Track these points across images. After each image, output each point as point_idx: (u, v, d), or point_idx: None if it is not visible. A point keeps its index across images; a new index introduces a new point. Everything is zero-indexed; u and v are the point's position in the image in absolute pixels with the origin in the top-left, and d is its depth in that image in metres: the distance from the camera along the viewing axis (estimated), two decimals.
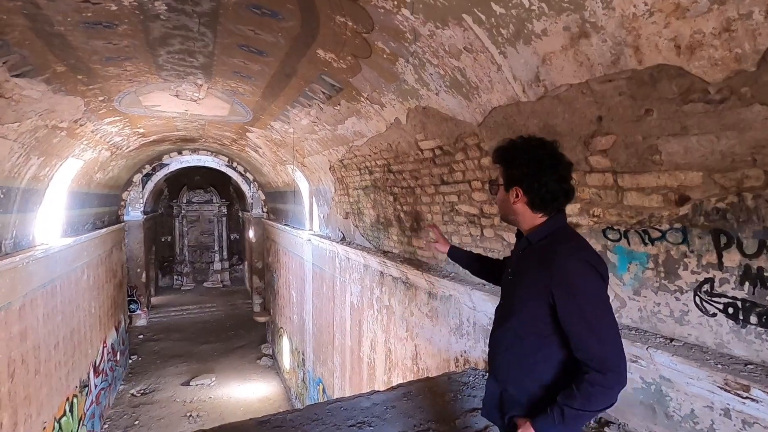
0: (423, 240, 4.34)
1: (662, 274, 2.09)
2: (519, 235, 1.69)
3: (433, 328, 4.03)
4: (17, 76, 3.64)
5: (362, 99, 3.88)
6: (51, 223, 6.67)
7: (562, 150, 1.58)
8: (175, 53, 4.08)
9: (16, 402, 5.29)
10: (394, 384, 4.63)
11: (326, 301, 7.45)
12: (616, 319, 2.30)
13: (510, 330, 1.57)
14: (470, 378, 2.72)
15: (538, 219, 1.54)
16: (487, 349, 3.25)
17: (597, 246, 2.41)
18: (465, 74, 2.64)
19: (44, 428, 6.11)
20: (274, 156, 8.71)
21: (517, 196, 1.53)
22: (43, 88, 4.09)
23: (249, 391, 10.91)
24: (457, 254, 2.22)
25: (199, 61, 4.30)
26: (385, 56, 3.03)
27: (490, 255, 3.35)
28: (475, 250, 3.54)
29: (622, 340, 2.11)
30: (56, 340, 6.66)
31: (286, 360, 11.06)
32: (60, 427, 6.66)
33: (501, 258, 2.13)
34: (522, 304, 1.53)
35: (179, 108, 6.30)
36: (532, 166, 1.49)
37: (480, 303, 3.32)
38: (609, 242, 2.34)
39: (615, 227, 2.28)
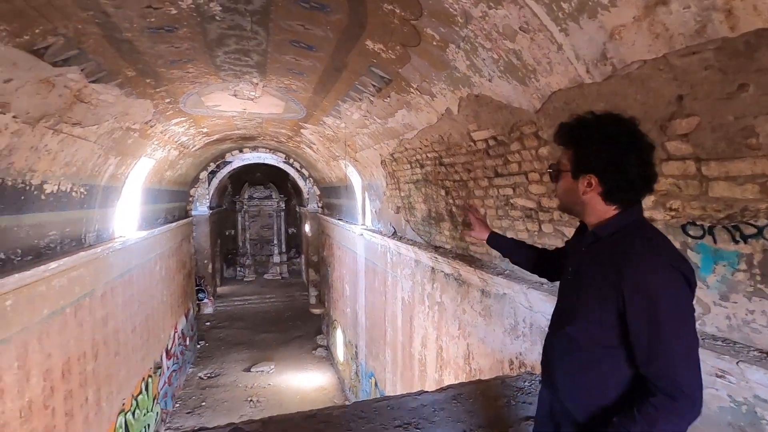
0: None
1: (758, 277, 1.80)
2: (582, 227, 1.47)
3: (487, 328, 3.85)
4: (94, 81, 3.96)
5: (412, 90, 3.78)
6: (128, 218, 7.27)
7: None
8: (232, 53, 4.22)
9: (100, 380, 5.84)
10: (445, 383, 4.52)
11: (378, 296, 7.46)
12: (698, 328, 2.05)
13: (568, 336, 1.36)
14: (525, 383, 2.55)
15: (611, 211, 1.31)
16: None
17: (675, 244, 2.13)
18: (521, 57, 2.45)
19: (123, 405, 6.70)
20: (327, 152, 8.85)
21: (589, 185, 1.29)
22: (116, 92, 4.42)
23: (305, 380, 11.28)
24: (497, 241, 1.98)
25: (253, 59, 4.42)
26: (434, 43, 2.90)
27: None
28: None
29: (706, 351, 1.87)
30: (133, 325, 7.28)
31: (340, 352, 11.29)
32: (137, 404, 7.29)
33: (553, 249, 1.92)
34: (584, 307, 1.31)
35: (238, 107, 6.56)
36: (610, 148, 1.24)
37: (537, 303, 3.10)
38: (690, 239, 2.06)
39: (697, 222, 2.00)
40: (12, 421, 3.83)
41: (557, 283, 1.95)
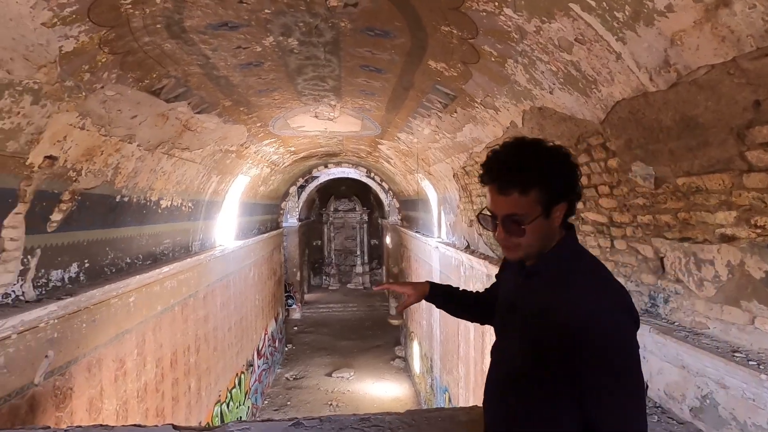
0: None
1: None
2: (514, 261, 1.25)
3: None
4: (198, 112, 4.63)
5: (476, 105, 3.80)
6: (227, 229, 8.19)
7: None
8: (310, 80, 4.64)
9: (200, 371, 6.62)
10: None
11: None
12: None
13: (508, 375, 1.20)
14: None
15: (558, 237, 1.18)
16: None
17: (763, 265, 1.89)
18: (579, 68, 2.38)
19: (219, 395, 7.49)
20: (403, 166, 9.08)
21: (559, 214, 1.15)
22: (216, 120, 5.10)
23: (382, 390, 11.48)
24: (436, 296, 1.69)
25: (329, 84, 4.80)
26: (493, 59, 2.92)
27: (622, 271, 2.92)
28: (607, 265, 3.11)
29: None
30: (229, 325, 8.13)
31: (416, 364, 11.32)
32: (231, 397, 8.08)
33: (484, 290, 1.70)
34: (526, 342, 1.15)
35: (319, 127, 7.10)
36: (570, 169, 1.15)
37: None
38: None
39: None
40: (131, 399, 4.55)
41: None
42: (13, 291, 3.09)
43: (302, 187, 17.09)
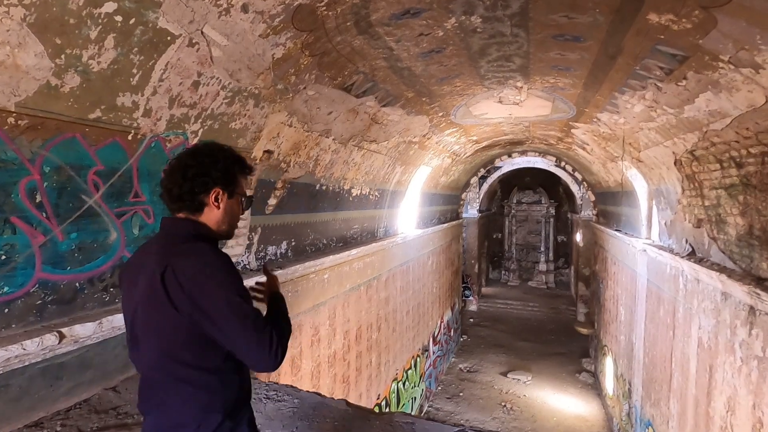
0: None
1: None
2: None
3: None
4: (384, 105, 4.86)
5: (721, 64, 2.82)
6: (408, 217, 8.57)
7: None
8: (494, 61, 4.30)
9: (380, 348, 7.15)
10: None
11: (663, 329, 5.99)
12: None
13: None
14: None
15: None
16: None
17: None
18: None
19: (396, 374, 7.97)
20: (603, 152, 7.77)
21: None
22: (400, 112, 5.28)
23: (564, 404, 10.32)
24: None
25: (515, 63, 4.36)
26: None
27: None
28: None
29: None
30: (407, 309, 8.54)
31: (608, 383, 9.74)
32: (407, 377, 8.52)
33: None
34: None
35: (503, 113, 6.65)
36: None
37: None
38: None
39: None
40: (323, 363, 5.19)
41: None
42: (242, 260, 3.83)
43: (483, 178, 16.69)
